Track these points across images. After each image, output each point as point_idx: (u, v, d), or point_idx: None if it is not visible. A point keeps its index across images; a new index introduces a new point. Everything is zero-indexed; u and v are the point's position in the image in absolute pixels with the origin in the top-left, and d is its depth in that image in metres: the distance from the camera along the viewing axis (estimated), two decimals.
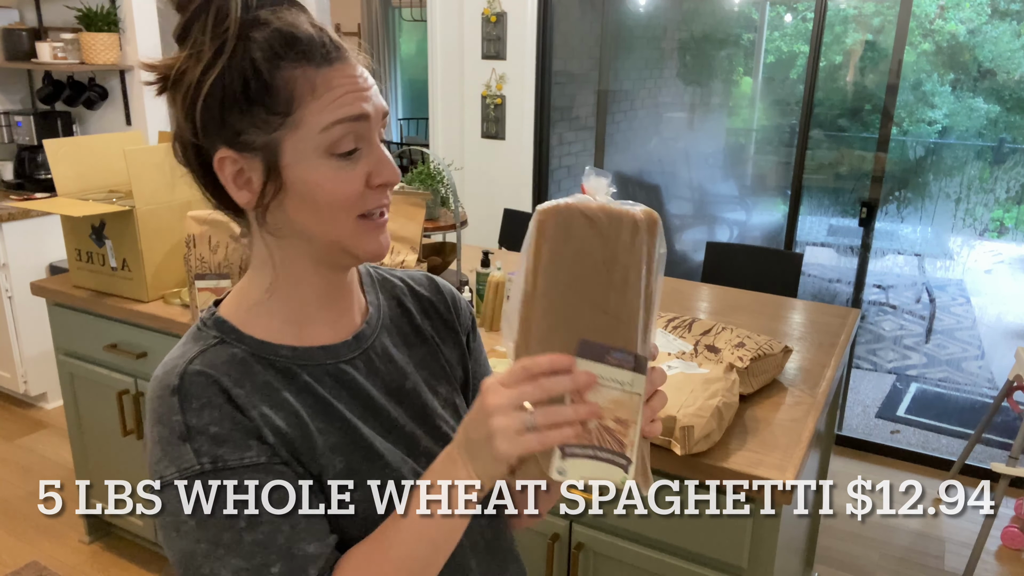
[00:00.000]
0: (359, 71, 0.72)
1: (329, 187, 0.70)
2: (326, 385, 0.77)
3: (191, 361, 0.72)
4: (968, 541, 2.66)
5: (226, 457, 0.68)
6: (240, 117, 0.69)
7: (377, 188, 0.73)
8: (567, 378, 0.63)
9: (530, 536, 1.64)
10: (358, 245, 0.74)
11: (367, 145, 0.72)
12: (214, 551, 0.67)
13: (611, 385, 0.66)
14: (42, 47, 3.52)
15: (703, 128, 4.38)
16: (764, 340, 1.69)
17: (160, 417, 0.69)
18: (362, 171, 0.71)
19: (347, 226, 0.72)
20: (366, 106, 0.70)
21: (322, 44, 0.69)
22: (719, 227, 4.49)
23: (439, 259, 2.31)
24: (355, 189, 0.71)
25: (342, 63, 0.70)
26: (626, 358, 0.67)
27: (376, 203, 0.73)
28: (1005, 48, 3.59)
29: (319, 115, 0.68)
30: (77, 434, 2.48)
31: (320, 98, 0.68)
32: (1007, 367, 2.74)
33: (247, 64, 0.68)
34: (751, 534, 1.39)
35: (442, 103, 3.97)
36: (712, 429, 1.38)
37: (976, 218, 3.86)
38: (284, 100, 0.68)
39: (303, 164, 0.70)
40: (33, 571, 2.46)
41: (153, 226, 2.13)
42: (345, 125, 0.69)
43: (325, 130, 0.69)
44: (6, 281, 3.33)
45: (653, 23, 4.42)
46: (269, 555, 0.67)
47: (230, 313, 0.78)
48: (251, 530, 0.67)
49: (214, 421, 0.69)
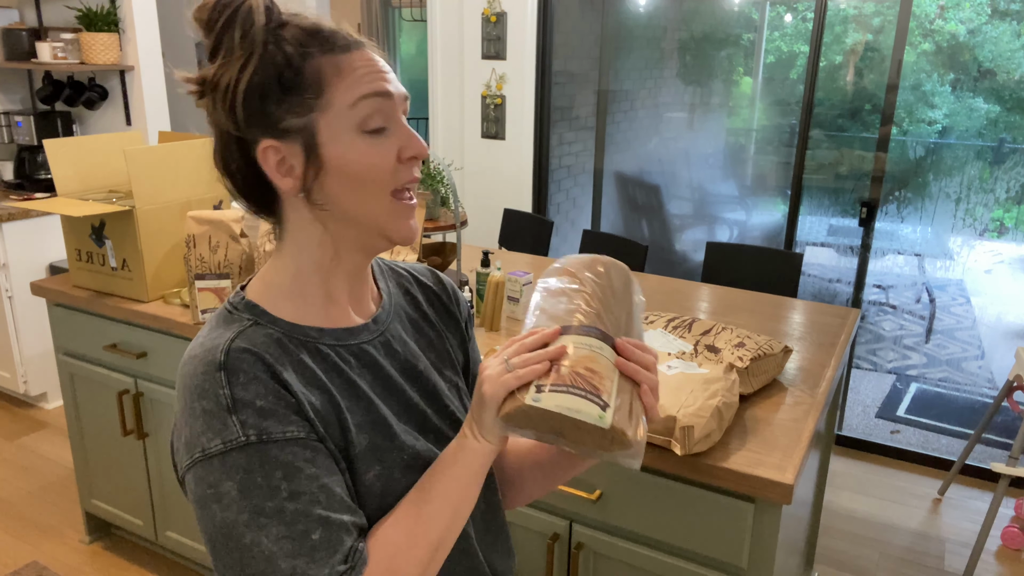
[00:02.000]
0: (379, 59, 0.79)
1: (364, 161, 0.76)
2: (352, 365, 0.83)
3: (233, 340, 0.75)
4: (968, 541, 2.66)
5: (271, 430, 0.72)
6: (277, 106, 0.75)
7: (408, 161, 0.79)
8: (539, 335, 0.77)
9: (530, 536, 1.64)
10: (393, 226, 0.80)
11: (394, 124, 0.78)
12: (256, 520, 0.69)
13: (584, 347, 0.77)
14: (42, 47, 3.52)
15: (703, 128, 4.38)
16: (764, 340, 1.69)
17: (204, 392, 0.72)
18: (392, 146, 0.78)
19: (383, 204, 0.78)
20: (388, 85, 0.77)
21: (342, 35, 0.77)
22: (719, 227, 4.49)
23: (439, 259, 2.31)
24: (388, 163, 0.77)
25: (360, 50, 0.78)
26: (595, 331, 0.78)
27: (408, 176, 0.79)
28: (1005, 48, 3.59)
29: (346, 93, 0.75)
30: (77, 434, 2.48)
31: (345, 78, 0.75)
32: (1007, 367, 2.74)
33: (280, 57, 0.74)
34: (751, 534, 1.39)
35: (442, 103, 3.97)
36: (712, 429, 1.38)
37: (976, 218, 3.86)
38: (314, 84, 0.75)
39: (338, 142, 0.76)
40: (33, 571, 2.46)
41: (153, 226, 2.13)
42: (370, 100, 0.76)
43: (353, 106, 0.75)
44: (6, 281, 3.33)
45: (653, 23, 4.41)
46: (310, 522, 0.70)
47: (258, 296, 0.82)
48: (293, 500, 0.70)
49: (259, 395, 0.72)
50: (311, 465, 0.73)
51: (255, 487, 0.70)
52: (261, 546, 0.69)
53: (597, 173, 4.19)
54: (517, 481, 1.00)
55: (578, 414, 0.72)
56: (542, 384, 0.74)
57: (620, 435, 0.73)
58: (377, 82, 0.76)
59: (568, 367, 0.74)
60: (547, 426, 0.74)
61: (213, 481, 0.71)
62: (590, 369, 0.75)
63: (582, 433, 0.74)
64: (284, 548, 0.69)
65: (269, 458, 0.71)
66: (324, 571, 0.69)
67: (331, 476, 0.74)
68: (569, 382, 0.73)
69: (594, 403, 0.73)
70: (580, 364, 0.75)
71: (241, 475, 0.70)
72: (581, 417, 0.72)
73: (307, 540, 0.70)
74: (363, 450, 0.79)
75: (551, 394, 0.73)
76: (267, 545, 0.69)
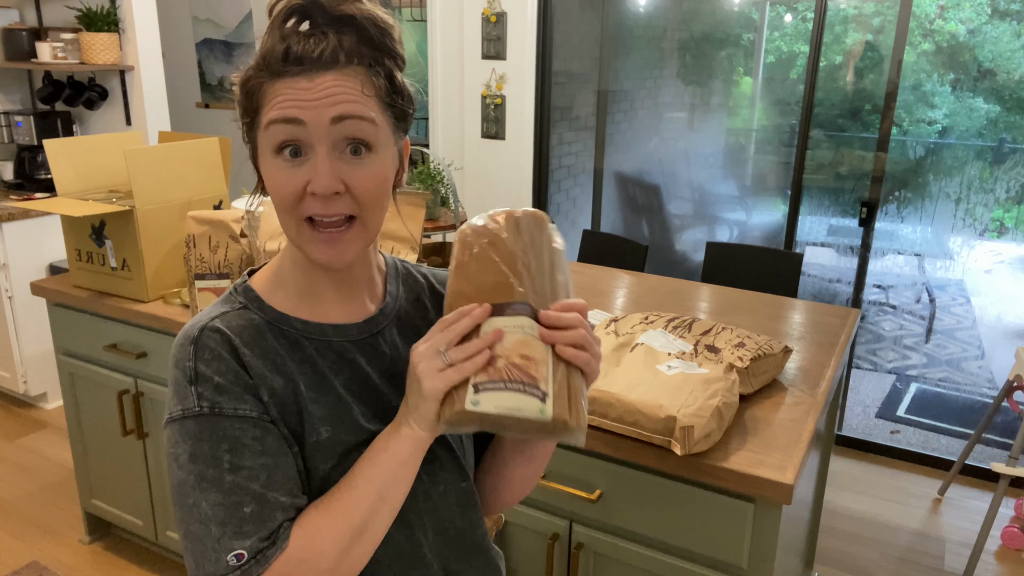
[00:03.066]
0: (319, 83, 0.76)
1: (272, 183, 0.79)
2: (328, 360, 0.86)
3: (213, 319, 0.82)
4: (968, 541, 2.66)
5: (223, 405, 0.78)
6: (243, 119, 0.82)
7: (311, 196, 0.78)
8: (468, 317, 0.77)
9: (530, 536, 1.64)
10: (306, 249, 0.81)
11: (312, 152, 0.77)
12: (199, 483, 0.76)
13: (514, 331, 0.76)
14: (42, 47, 3.52)
15: (703, 128, 4.38)
16: (764, 340, 1.69)
17: (177, 362, 0.80)
18: (304, 176, 0.77)
19: (293, 227, 0.80)
20: (299, 112, 0.75)
21: (296, 60, 0.76)
22: (719, 227, 4.49)
23: (439, 259, 2.31)
24: (292, 191, 0.78)
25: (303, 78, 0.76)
26: (523, 307, 0.78)
27: (312, 210, 0.78)
28: (1005, 48, 3.59)
29: (265, 116, 0.78)
30: (77, 434, 2.48)
31: (269, 102, 0.77)
32: (1007, 367, 2.74)
33: (245, 78, 0.80)
34: (751, 534, 1.39)
35: (442, 103, 3.97)
36: (712, 429, 1.38)
37: (976, 218, 3.86)
38: (254, 105, 0.80)
39: (263, 160, 0.80)
40: (33, 571, 2.46)
41: (153, 226, 2.13)
42: (277, 126, 0.77)
43: (265, 129, 0.78)
44: (6, 281, 3.33)
45: (653, 23, 4.41)
46: (244, 496, 0.76)
47: (259, 283, 0.88)
48: (233, 472, 0.76)
49: (219, 372, 0.79)
50: (258, 443, 0.78)
51: (202, 454, 0.76)
52: (200, 508, 0.76)
53: (597, 173, 4.19)
54: (503, 472, 1.00)
55: (519, 412, 0.74)
56: (479, 383, 0.74)
57: (562, 425, 0.75)
58: (289, 109, 0.75)
59: (504, 359, 0.75)
60: (488, 423, 0.76)
61: (173, 442, 0.78)
62: (525, 356, 0.75)
63: (524, 425, 0.75)
64: (217, 515, 0.75)
65: (217, 430, 0.77)
66: (246, 543, 0.75)
67: (277, 457, 0.79)
68: (506, 376, 0.74)
69: (533, 396, 0.74)
70: (515, 352, 0.75)
71: (192, 441, 0.77)
72: (523, 415, 0.74)
73: (238, 511, 0.75)
74: (323, 441, 0.83)
75: (490, 394, 0.74)
76: (205, 508, 0.75)
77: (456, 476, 0.93)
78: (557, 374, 0.76)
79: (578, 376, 0.78)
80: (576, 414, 0.75)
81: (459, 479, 0.94)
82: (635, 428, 1.40)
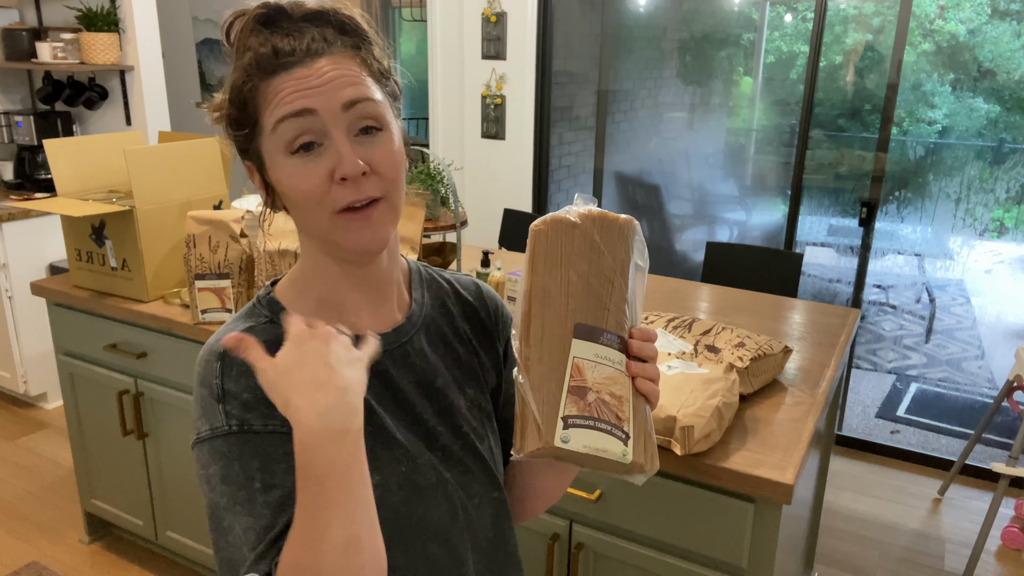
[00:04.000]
0: (317, 69, 0.74)
1: (293, 183, 0.76)
2: None
3: None
4: (968, 541, 2.66)
5: (252, 422, 0.75)
6: (237, 133, 0.79)
7: (342, 182, 0.75)
8: None
9: (530, 536, 1.64)
10: (341, 240, 0.78)
11: (328, 140, 0.75)
12: (232, 506, 0.73)
13: (604, 363, 0.73)
14: (42, 47, 3.52)
15: (703, 128, 4.38)
16: (764, 340, 1.69)
17: (203, 379, 0.77)
18: (325, 166, 0.74)
19: (325, 222, 0.77)
20: (308, 101, 0.73)
21: (288, 53, 0.74)
22: (719, 227, 4.49)
23: (439, 259, 2.31)
24: (317, 184, 0.75)
25: (300, 67, 0.74)
26: (614, 339, 0.75)
27: (346, 198, 0.75)
28: (1005, 48, 3.59)
29: (269, 119, 0.75)
30: (77, 434, 2.48)
31: (270, 103, 0.75)
32: (1007, 367, 2.74)
33: (234, 90, 0.77)
34: (751, 534, 1.39)
35: (442, 103, 3.97)
36: (712, 429, 1.38)
37: (976, 218, 3.86)
38: (253, 114, 0.76)
39: (275, 166, 0.77)
40: (33, 571, 2.46)
41: (153, 226, 2.13)
42: (287, 122, 0.74)
43: (274, 130, 0.75)
44: (6, 281, 3.33)
45: (653, 23, 4.42)
46: (275, 519, 0.72)
47: (283, 293, 0.85)
48: (264, 492, 0.73)
49: (247, 389, 0.75)
50: (290, 458, 0.72)
51: (233, 475, 0.74)
52: (234, 531, 0.73)
53: (597, 173, 4.19)
54: (533, 484, 0.98)
55: (604, 453, 0.71)
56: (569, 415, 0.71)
57: (638, 467, 0.73)
58: (295, 101, 0.73)
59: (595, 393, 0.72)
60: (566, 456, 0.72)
61: (204, 463, 0.76)
62: (613, 395, 0.72)
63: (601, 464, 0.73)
64: (248, 539, 0.72)
65: (248, 448, 0.74)
66: None
67: None
68: (596, 413, 0.71)
69: (618, 439, 0.72)
70: (605, 388, 0.72)
71: (223, 462, 0.74)
72: (607, 456, 0.71)
73: (268, 534, 0.71)
74: None
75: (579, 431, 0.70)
76: (238, 532, 0.72)
77: (489, 487, 0.91)
78: (637, 413, 0.74)
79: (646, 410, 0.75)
80: (651, 458, 0.74)
81: (492, 489, 0.91)
82: None
